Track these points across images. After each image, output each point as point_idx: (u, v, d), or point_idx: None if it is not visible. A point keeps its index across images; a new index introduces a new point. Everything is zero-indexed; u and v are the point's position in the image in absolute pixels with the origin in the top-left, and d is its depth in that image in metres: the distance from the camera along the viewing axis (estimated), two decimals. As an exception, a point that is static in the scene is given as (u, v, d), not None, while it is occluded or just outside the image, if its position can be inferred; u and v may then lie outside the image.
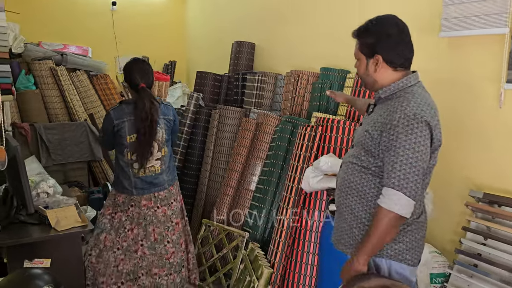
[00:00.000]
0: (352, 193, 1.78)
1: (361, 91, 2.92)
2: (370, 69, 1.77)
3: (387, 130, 1.63)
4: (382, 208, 1.61)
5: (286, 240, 2.68)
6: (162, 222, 2.74)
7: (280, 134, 3.27)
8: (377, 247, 1.66)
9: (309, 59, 3.85)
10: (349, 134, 2.71)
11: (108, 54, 5.77)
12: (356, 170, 1.77)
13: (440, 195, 2.42)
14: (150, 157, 2.66)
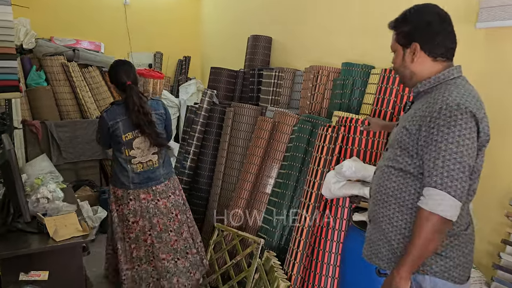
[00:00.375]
0: (390, 201, 1.57)
1: (387, 89, 2.68)
2: (407, 60, 1.59)
3: (427, 123, 1.44)
4: (423, 211, 1.41)
5: (304, 250, 2.47)
6: (165, 213, 2.91)
7: (298, 134, 3.05)
8: (419, 257, 1.45)
9: (329, 54, 3.61)
10: (375, 135, 2.48)
11: (121, 49, 5.63)
12: (393, 174, 1.56)
13: (477, 200, 2.17)
14: (148, 152, 2.83)
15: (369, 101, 2.94)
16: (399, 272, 1.47)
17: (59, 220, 2.03)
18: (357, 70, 3.10)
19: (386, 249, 1.60)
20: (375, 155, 2.50)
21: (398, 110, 2.66)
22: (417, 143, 1.47)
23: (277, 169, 3.24)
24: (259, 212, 3.25)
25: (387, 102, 2.67)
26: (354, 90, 3.09)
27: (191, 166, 3.96)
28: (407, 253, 1.46)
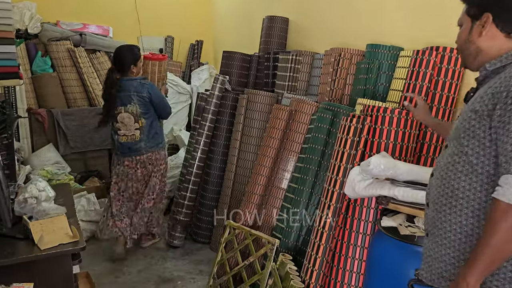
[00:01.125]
0: (461, 205, 1.27)
1: (420, 73, 2.35)
2: (474, 34, 1.32)
3: (503, 100, 1.16)
4: (500, 203, 1.14)
5: (324, 256, 2.20)
6: (140, 180, 3.45)
7: (317, 124, 2.75)
8: (493, 261, 1.17)
9: (352, 35, 3.28)
10: (406, 127, 2.16)
11: (130, 34, 5.37)
12: (461, 172, 1.27)
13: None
14: (131, 127, 3.34)
15: (397, 87, 2.62)
16: (465, 279, 1.19)
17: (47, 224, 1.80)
18: (384, 53, 2.77)
19: (455, 266, 1.29)
20: (407, 149, 2.18)
21: (432, 98, 2.34)
22: (490, 125, 1.18)
23: (294, 162, 2.96)
24: (274, 209, 2.98)
25: (420, 88, 2.35)
26: (380, 75, 2.77)
27: (201, 157, 3.70)
28: (477, 255, 1.18)
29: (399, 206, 1.89)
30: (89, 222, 3.82)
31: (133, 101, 3.27)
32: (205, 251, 3.65)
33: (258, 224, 3.07)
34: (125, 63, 3.27)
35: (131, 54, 3.31)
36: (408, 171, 1.92)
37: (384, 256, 1.83)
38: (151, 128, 3.38)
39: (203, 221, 3.73)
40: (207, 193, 3.71)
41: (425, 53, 2.34)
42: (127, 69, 3.28)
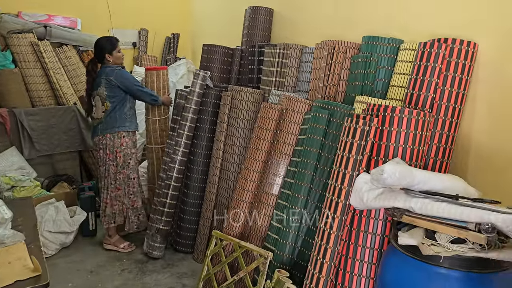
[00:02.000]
0: None
1: (428, 67, 2.12)
2: None
3: None
4: None
5: (328, 276, 1.95)
6: (100, 163, 3.56)
7: (312, 125, 2.50)
8: None
9: (345, 26, 3.05)
10: (417, 128, 1.93)
11: (100, 26, 4.98)
12: None
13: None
14: (99, 109, 3.43)
15: (398, 82, 2.39)
16: None
17: (1, 255, 1.48)
18: (382, 45, 2.55)
19: None
20: (418, 153, 1.96)
21: (440, 95, 2.12)
22: None
23: (286, 166, 2.70)
24: (265, 217, 2.72)
25: (428, 84, 2.13)
26: (379, 70, 2.54)
27: (182, 160, 3.40)
28: None
29: (416, 219, 1.66)
30: (58, 234, 3.46)
31: (102, 84, 3.38)
32: (187, 262, 3.36)
33: (247, 234, 2.80)
34: (101, 52, 3.41)
35: (107, 43, 3.42)
36: (425, 180, 1.70)
37: (403, 278, 1.60)
38: (113, 112, 3.40)
39: (185, 229, 3.44)
40: (189, 199, 3.42)
41: (433, 46, 2.12)
42: (103, 57, 3.41)
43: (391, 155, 1.94)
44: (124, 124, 3.43)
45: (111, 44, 3.42)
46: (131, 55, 5.26)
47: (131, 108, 3.49)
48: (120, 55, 3.46)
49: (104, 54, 3.39)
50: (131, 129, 3.48)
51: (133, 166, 3.51)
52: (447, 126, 2.13)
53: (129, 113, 3.47)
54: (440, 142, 2.13)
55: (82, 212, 3.71)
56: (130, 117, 3.48)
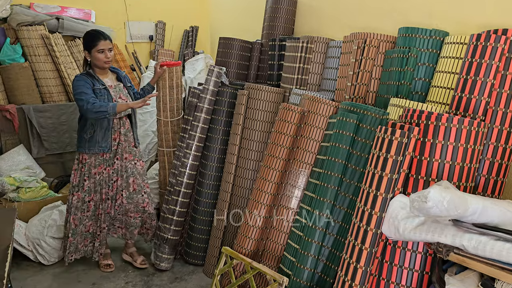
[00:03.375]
0: None
1: (482, 65, 1.73)
2: None
3: None
4: None
5: (353, 319, 1.60)
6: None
7: (337, 131, 2.15)
8: None
9: (378, 16, 2.66)
10: (468, 141, 1.56)
11: (115, 18, 4.73)
12: None
13: None
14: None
15: (441, 83, 2.01)
16: None
17: None
18: (423, 38, 2.17)
19: None
20: (468, 172, 1.58)
21: (497, 98, 1.73)
22: None
23: (307, 176, 2.36)
24: (282, 234, 2.39)
25: (482, 86, 1.74)
26: (417, 67, 2.16)
27: (193, 164, 3.10)
28: None
29: (468, 260, 1.29)
30: (62, 240, 3.23)
31: None
32: (197, 275, 3.07)
33: (261, 253, 2.48)
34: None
35: (86, 37, 2.88)
36: (481, 210, 1.32)
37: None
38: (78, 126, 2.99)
39: (196, 239, 3.14)
40: (200, 207, 3.12)
41: (489, 38, 1.73)
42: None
43: (434, 173, 1.57)
44: (79, 143, 2.94)
45: (91, 39, 2.81)
46: (148, 49, 5.00)
47: (92, 126, 2.85)
48: (101, 56, 2.79)
49: (84, 50, 2.86)
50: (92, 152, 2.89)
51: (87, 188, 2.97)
52: (504, 137, 1.74)
53: (90, 130, 2.87)
54: (494, 156, 1.74)
55: (88, 216, 3.47)
56: (92, 137, 2.87)
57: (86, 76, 2.84)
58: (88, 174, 2.94)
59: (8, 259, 1.45)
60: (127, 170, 3.02)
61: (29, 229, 3.20)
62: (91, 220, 3.03)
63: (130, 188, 3.03)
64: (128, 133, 3.02)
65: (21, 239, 3.15)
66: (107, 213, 3.03)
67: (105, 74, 2.95)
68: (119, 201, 3.04)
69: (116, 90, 2.96)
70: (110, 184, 3.00)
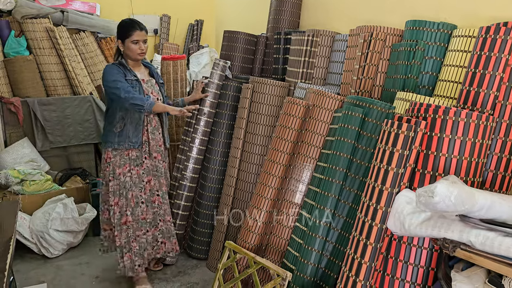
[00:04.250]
0: None
1: (491, 58, 1.70)
2: None
3: None
4: None
5: (358, 315, 1.59)
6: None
7: (343, 125, 2.12)
8: None
9: (384, 9, 2.62)
10: (476, 135, 1.53)
11: (120, 11, 4.72)
12: None
13: None
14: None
15: (449, 76, 1.98)
16: None
17: None
18: (430, 31, 2.13)
19: None
20: (476, 167, 1.55)
21: (505, 93, 1.69)
22: None
23: (311, 171, 2.34)
24: (285, 229, 2.38)
25: (490, 79, 1.70)
26: (425, 61, 2.12)
27: (198, 158, 3.10)
28: None
29: (475, 256, 1.27)
30: (65, 233, 3.24)
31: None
32: (201, 269, 3.06)
33: (264, 247, 2.47)
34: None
35: (120, 26, 2.68)
36: (489, 205, 1.30)
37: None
38: (106, 122, 2.75)
39: (199, 233, 3.13)
40: (204, 201, 3.10)
41: (499, 31, 1.69)
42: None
43: (441, 168, 1.54)
44: (108, 138, 2.69)
45: (125, 28, 2.63)
46: (152, 43, 4.98)
47: (122, 119, 2.65)
48: (134, 47, 2.61)
49: (117, 40, 2.69)
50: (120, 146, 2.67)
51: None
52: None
53: (120, 124, 2.66)
54: (502, 151, 1.70)
55: (92, 210, 3.48)
56: (122, 131, 2.66)
57: (118, 65, 2.65)
58: (113, 174, 2.68)
59: (10, 251, 1.45)
60: (158, 169, 2.80)
61: (33, 222, 3.20)
62: (117, 230, 2.69)
63: (162, 188, 2.83)
64: (156, 131, 2.78)
65: (25, 231, 3.16)
66: (142, 219, 2.72)
67: (137, 67, 2.75)
68: (157, 202, 2.78)
69: (148, 85, 2.75)
70: (142, 186, 2.72)
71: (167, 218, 2.86)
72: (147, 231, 2.76)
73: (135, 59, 2.68)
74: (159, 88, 2.83)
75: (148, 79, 2.78)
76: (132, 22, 2.66)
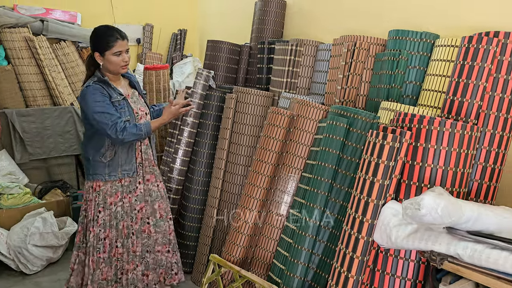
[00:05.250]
0: None
1: (474, 68, 1.70)
2: None
3: None
4: None
5: (345, 331, 1.55)
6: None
7: (327, 135, 2.10)
8: None
9: (368, 20, 2.63)
10: (461, 145, 1.52)
11: (102, 21, 4.50)
12: None
13: None
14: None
15: (432, 86, 1.98)
16: None
17: None
18: (413, 41, 2.13)
19: None
20: (462, 178, 1.54)
21: (489, 101, 1.69)
22: None
23: (296, 182, 2.30)
24: (271, 241, 2.33)
25: (474, 89, 1.70)
26: (408, 70, 2.12)
27: (181, 169, 3.04)
28: None
29: (463, 269, 1.25)
30: (45, 248, 3.14)
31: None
32: (185, 284, 2.97)
33: (250, 260, 2.42)
34: (91, 46, 2.33)
35: (96, 36, 2.30)
36: (476, 217, 1.28)
37: None
38: (87, 147, 2.39)
39: (184, 246, 3.06)
40: (188, 213, 3.04)
41: (482, 41, 1.69)
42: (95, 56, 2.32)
43: (427, 179, 1.53)
44: (92, 169, 2.35)
45: (105, 39, 2.24)
46: (135, 52, 4.93)
47: (111, 146, 2.33)
48: (117, 60, 2.25)
49: (93, 51, 2.28)
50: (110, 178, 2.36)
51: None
52: (496, 141, 1.70)
53: (109, 152, 2.33)
54: (487, 161, 1.70)
55: (73, 223, 3.38)
56: (112, 160, 2.34)
57: (101, 85, 2.26)
58: (103, 204, 2.36)
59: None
60: (151, 194, 2.50)
61: (11, 237, 3.09)
62: (107, 264, 2.41)
63: (156, 215, 2.51)
64: (148, 150, 2.49)
65: (2, 247, 3.05)
66: (132, 252, 2.44)
67: (117, 81, 2.39)
68: (146, 232, 2.49)
69: (134, 100, 2.43)
70: (134, 215, 2.43)
71: (157, 248, 2.53)
72: (137, 266, 2.46)
73: (117, 73, 2.33)
74: (144, 100, 2.54)
75: (132, 92, 2.47)
76: (110, 30, 2.28)
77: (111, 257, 2.42)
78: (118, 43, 2.25)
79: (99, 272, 2.38)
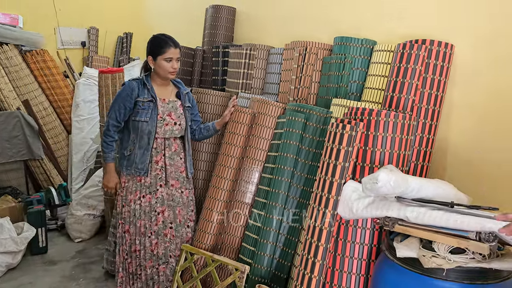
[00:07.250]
0: None
1: (408, 69, 2.07)
2: None
3: None
4: None
5: (317, 290, 1.84)
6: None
7: (287, 129, 2.39)
8: None
9: (313, 26, 2.96)
10: (403, 132, 1.87)
11: (45, 24, 4.60)
12: None
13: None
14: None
15: (373, 84, 2.33)
16: None
17: None
18: (356, 47, 2.48)
19: None
20: (404, 158, 1.90)
21: (420, 97, 2.07)
22: None
23: (260, 172, 2.57)
24: (239, 227, 2.58)
25: (408, 86, 2.07)
26: (353, 72, 2.47)
27: (143, 168, 3.17)
28: None
29: (411, 229, 1.58)
30: (3, 254, 3.11)
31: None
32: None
33: (220, 246, 2.64)
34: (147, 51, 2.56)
35: (153, 41, 2.54)
36: (418, 187, 1.63)
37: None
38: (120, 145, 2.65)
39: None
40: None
41: (413, 47, 2.07)
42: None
43: (377, 161, 1.87)
44: (121, 163, 2.58)
45: (158, 45, 2.47)
46: (80, 55, 4.91)
47: (133, 142, 2.53)
48: (167, 65, 2.45)
49: (147, 55, 2.53)
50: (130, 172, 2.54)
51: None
52: (427, 129, 2.09)
53: (130, 147, 2.53)
54: (420, 145, 2.08)
55: (30, 228, 3.37)
56: (130, 155, 2.53)
57: (137, 82, 2.52)
58: (125, 200, 2.56)
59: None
60: (174, 199, 2.60)
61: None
62: (129, 257, 2.60)
63: (177, 220, 2.62)
64: (176, 156, 2.60)
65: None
66: (150, 251, 2.56)
67: (165, 86, 2.59)
68: (169, 237, 2.58)
69: (168, 107, 2.54)
70: (153, 216, 2.55)
71: (177, 253, 2.63)
72: (159, 265, 2.58)
73: (165, 78, 2.54)
74: (184, 111, 2.61)
75: (172, 100, 2.58)
76: (166, 38, 2.50)
77: (131, 252, 2.60)
78: (171, 50, 2.46)
79: (126, 263, 2.61)
